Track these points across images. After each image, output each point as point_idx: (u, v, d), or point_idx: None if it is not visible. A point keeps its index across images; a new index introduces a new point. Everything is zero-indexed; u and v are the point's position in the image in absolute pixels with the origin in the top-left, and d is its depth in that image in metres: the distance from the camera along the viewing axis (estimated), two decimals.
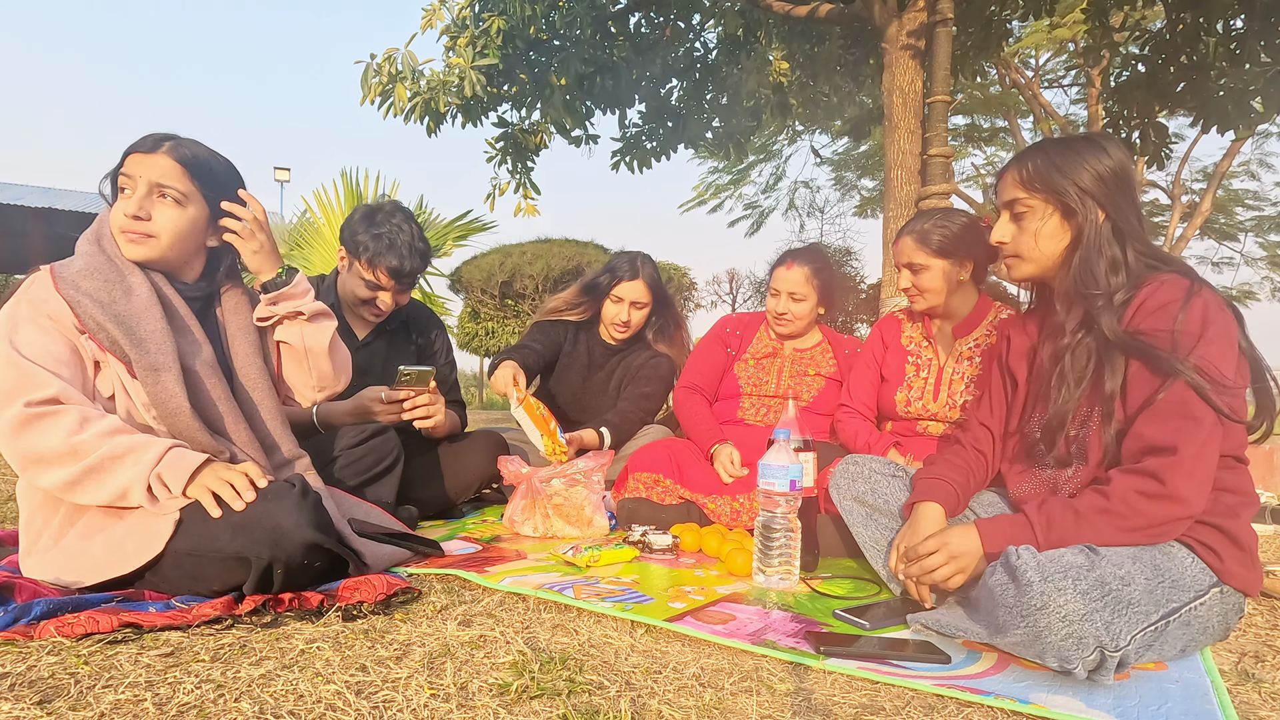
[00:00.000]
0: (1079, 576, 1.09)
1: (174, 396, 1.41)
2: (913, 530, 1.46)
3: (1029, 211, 1.40)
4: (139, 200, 1.43)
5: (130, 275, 1.45)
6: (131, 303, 1.43)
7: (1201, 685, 1.13)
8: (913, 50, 3.43)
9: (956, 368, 1.98)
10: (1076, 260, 1.35)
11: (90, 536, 1.33)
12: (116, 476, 1.30)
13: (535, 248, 10.50)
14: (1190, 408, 1.19)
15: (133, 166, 1.44)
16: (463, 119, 4.42)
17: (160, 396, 1.40)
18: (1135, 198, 1.35)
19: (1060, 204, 1.36)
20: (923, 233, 1.93)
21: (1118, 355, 1.29)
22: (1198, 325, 1.21)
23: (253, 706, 0.94)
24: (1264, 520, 2.53)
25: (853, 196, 13.73)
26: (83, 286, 1.40)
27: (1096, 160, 1.33)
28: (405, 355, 2.37)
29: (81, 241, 1.48)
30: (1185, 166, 11.17)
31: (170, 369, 1.42)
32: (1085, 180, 1.33)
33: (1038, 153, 1.40)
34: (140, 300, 1.44)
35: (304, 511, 1.31)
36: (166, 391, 1.40)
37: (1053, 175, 1.35)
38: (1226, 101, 3.88)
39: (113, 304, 1.41)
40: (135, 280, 1.45)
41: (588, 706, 0.98)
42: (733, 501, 2.14)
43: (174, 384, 1.41)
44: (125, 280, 1.44)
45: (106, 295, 1.41)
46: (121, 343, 1.39)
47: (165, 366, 1.42)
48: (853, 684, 1.11)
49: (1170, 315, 1.24)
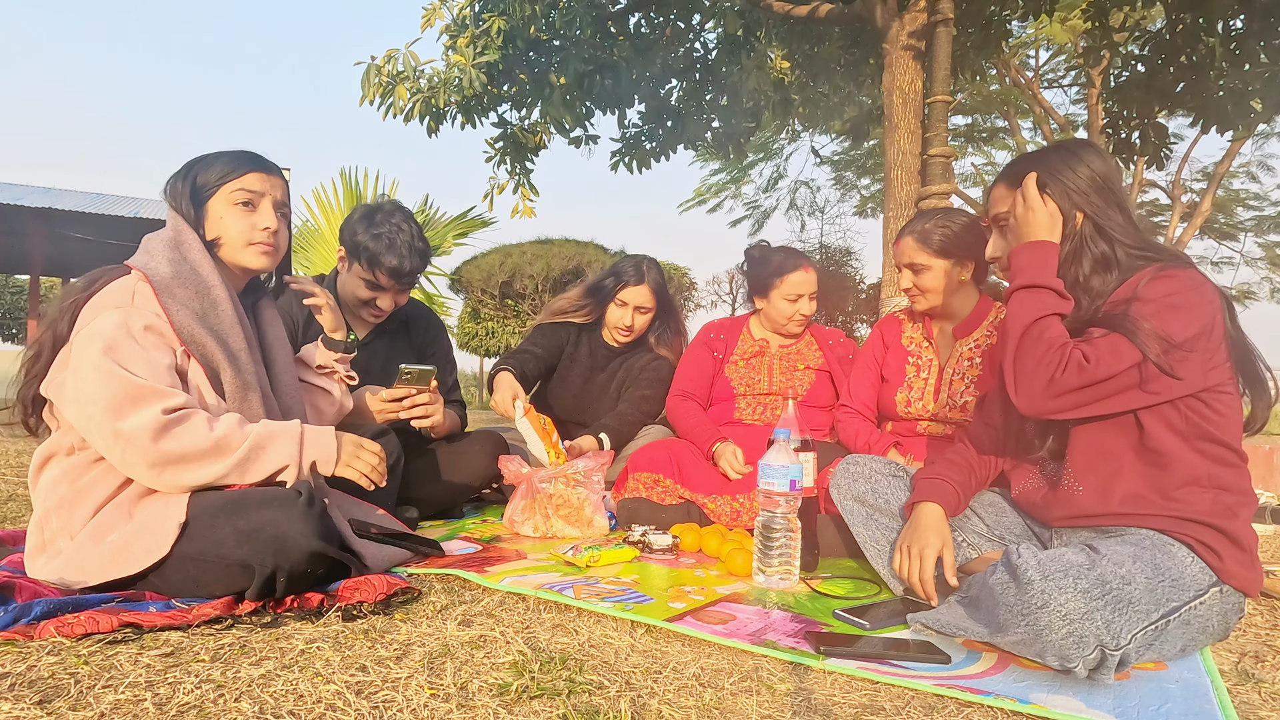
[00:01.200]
0: (1080, 575, 1.09)
1: (257, 417, 1.49)
2: (914, 530, 1.46)
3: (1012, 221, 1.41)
4: (272, 215, 1.53)
5: (216, 288, 1.47)
6: (220, 317, 1.47)
7: (1201, 685, 1.13)
8: (913, 50, 3.43)
9: (957, 368, 1.98)
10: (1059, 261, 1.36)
11: (102, 537, 1.33)
12: (266, 465, 1.41)
13: (535, 248, 10.50)
14: (1116, 344, 1.22)
15: (256, 183, 1.53)
16: (462, 119, 4.42)
17: (245, 412, 1.47)
18: (1121, 199, 1.35)
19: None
20: (924, 233, 1.93)
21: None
22: (1158, 292, 1.23)
23: (253, 706, 0.94)
24: (1264, 520, 2.53)
25: (852, 196, 13.74)
26: (178, 296, 1.42)
27: (1074, 166, 1.35)
28: (405, 355, 2.36)
29: (161, 246, 1.46)
30: (1185, 166, 11.18)
31: (256, 389, 1.51)
32: (1063, 184, 1.35)
33: (1016, 164, 1.44)
34: (228, 315, 1.48)
35: (309, 521, 1.31)
36: (251, 411, 1.49)
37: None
38: (1226, 102, 3.88)
39: (205, 317, 1.44)
40: (220, 294, 1.48)
41: (588, 706, 0.98)
42: (733, 501, 2.14)
43: (258, 405, 1.51)
44: (211, 293, 1.47)
45: (199, 306, 1.44)
46: (217, 358, 1.44)
47: (253, 386, 1.50)
48: (853, 684, 1.11)
49: (1133, 285, 1.27)
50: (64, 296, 1.41)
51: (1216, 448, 1.26)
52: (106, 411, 1.29)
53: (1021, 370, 1.29)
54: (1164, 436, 1.27)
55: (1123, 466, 1.31)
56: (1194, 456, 1.26)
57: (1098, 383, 1.22)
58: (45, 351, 1.38)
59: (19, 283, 23.59)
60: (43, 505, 1.38)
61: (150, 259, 1.44)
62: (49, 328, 1.39)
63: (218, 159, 1.54)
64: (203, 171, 1.52)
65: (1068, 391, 1.24)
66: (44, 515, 1.38)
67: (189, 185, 1.51)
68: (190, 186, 1.51)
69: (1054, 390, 1.25)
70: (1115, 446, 1.32)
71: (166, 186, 1.53)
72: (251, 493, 1.35)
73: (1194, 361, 1.21)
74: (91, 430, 1.32)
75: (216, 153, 1.56)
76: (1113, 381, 1.22)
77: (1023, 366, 1.28)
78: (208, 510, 1.32)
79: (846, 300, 10.42)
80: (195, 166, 1.53)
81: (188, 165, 1.54)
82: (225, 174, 1.52)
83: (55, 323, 1.38)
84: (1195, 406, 1.25)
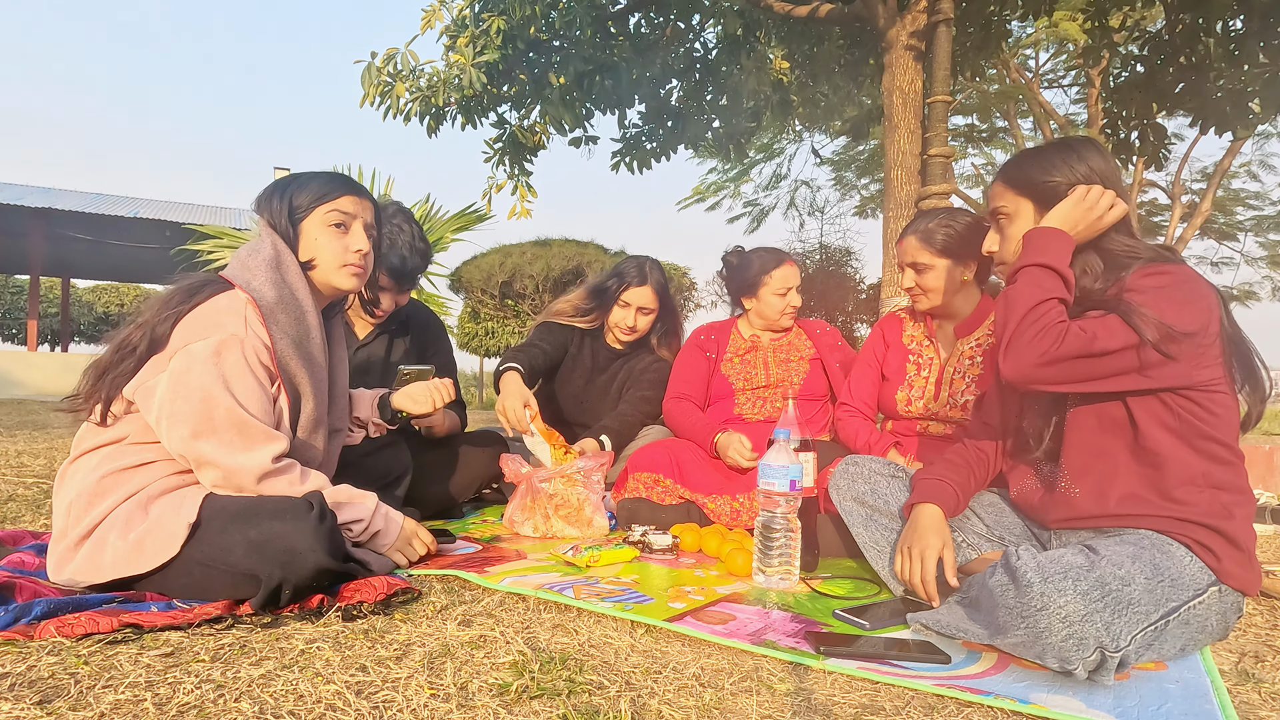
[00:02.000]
0: (1079, 577, 1.09)
1: (317, 452, 1.54)
2: (913, 532, 1.46)
3: (1008, 217, 1.43)
4: (364, 237, 1.56)
5: (310, 314, 1.49)
6: (312, 345, 1.49)
7: (1201, 685, 1.13)
8: (913, 50, 3.43)
9: (958, 367, 1.98)
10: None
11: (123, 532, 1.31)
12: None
13: (535, 248, 10.51)
14: (1113, 324, 1.22)
15: (350, 206, 1.55)
16: (462, 119, 4.43)
17: (308, 447, 1.51)
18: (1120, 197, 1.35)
19: (1037, 203, 1.38)
20: (927, 232, 1.93)
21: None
22: (1151, 282, 1.24)
23: (253, 706, 0.94)
24: (1264, 520, 2.53)
25: (852, 196, 13.73)
26: (281, 322, 1.43)
27: (1070, 161, 1.36)
28: (405, 355, 2.38)
29: (262, 266, 1.45)
30: (1185, 166, 11.19)
31: (325, 424, 1.55)
32: (1060, 178, 1.35)
33: (1015, 160, 1.44)
34: (317, 343, 1.51)
35: (320, 535, 1.30)
36: (315, 446, 1.53)
37: (1029, 177, 1.39)
38: (1225, 102, 3.88)
39: (300, 344, 1.46)
40: (313, 320, 1.49)
41: (588, 706, 0.98)
42: (733, 501, 2.14)
43: (322, 441, 1.54)
44: (306, 319, 1.48)
45: (296, 333, 1.45)
46: (304, 390, 1.47)
47: (323, 421, 1.54)
48: (853, 684, 1.11)
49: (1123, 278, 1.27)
50: (164, 302, 1.40)
51: (1212, 446, 1.25)
52: (210, 439, 1.33)
53: (1019, 339, 1.27)
54: (1159, 436, 1.26)
55: (1118, 467, 1.31)
56: (1189, 455, 1.26)
57: (1094, 356, 1.21)
58: (140, 352, 1.37)
59: (19, 283, 23.62)
60: (69, 494, 1.37)
61: (253, 278, 1.43)
62: (146, 330, 1.37)
63: (312, 179, 1.55)
64: (298, 192, 1.52)
65: (1062, 360, 1.23)
66: (70, 504, 1.36)
67: (286, 205, 1.51)
68: (287, 206, 1.51)
69: (1047, 358, 1.24)
70: (1110, 447, 1.32)
71: (261, 204, 1.53)
72: (265, 502, 1.34)
73: (1189, 351, 1.21)
74: (175, 443, 1.34)
75: (310, 173, 1.57)
76: (1109, 359, 1.22)
77: (1021, 336, 1.27)
78: (219, 515, 1.31)
79: (846, 300, 10.42)
80: (290, 186, 1.53)
81: (281, 184, 1.55)
82: (321, 196, 1.52)
83: (152, 326, 1.37)
84: (1189, 405, 1.25)
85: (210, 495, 1.35)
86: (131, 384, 1.37)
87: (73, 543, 1.34)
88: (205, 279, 1.44)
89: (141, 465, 1.38)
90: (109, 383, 1.37)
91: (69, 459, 1.41)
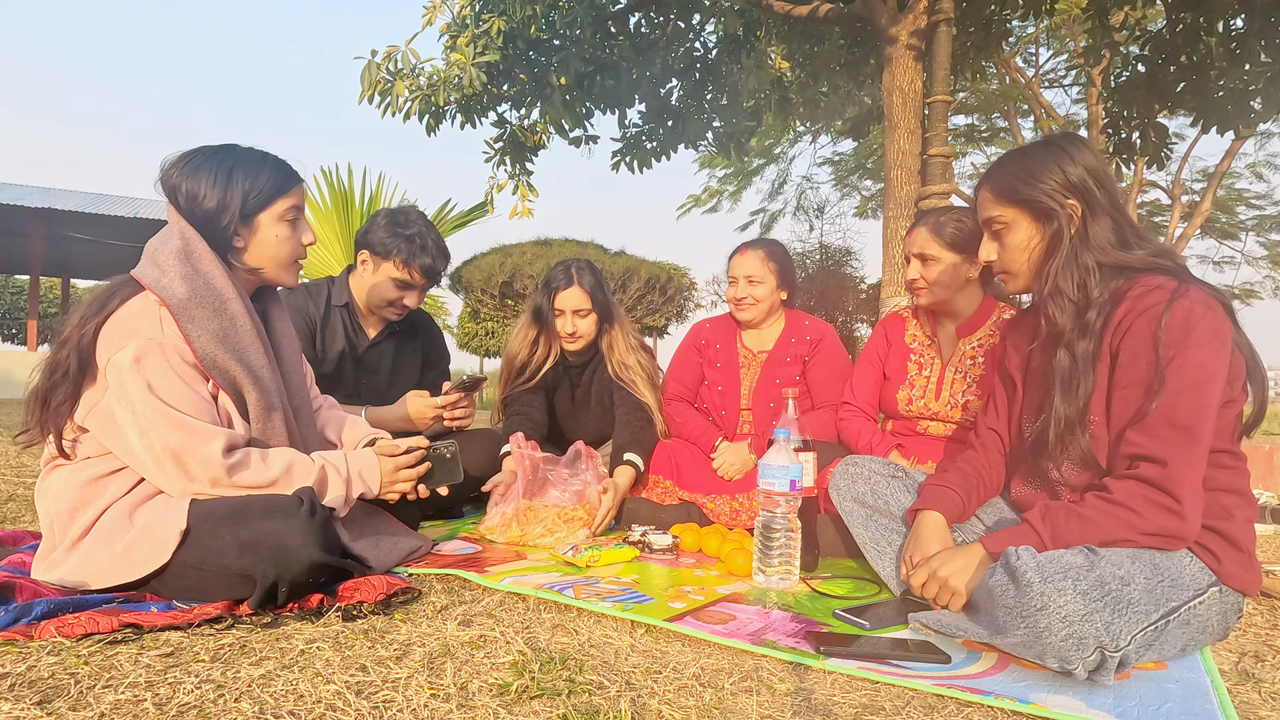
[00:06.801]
0: (1079, 577, 1.09)
1: (279, 436, 1.49)
2: (915, 540, 1.46)
3: (1006, 227, 1.40)
4: (309, 228, 1.52)
5: (232, 302, 1.40)
6: (239, 334, 1.41)
7: (1201, 685, 1.13)
8: (913, 50, 3.43)
9: (959, 367, 1.97)
10: (1050, 267, 1.34)
11: (107, 542, 1.31)
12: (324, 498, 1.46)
13: (535, 248, 10.52)
14: (1177, 416, 1.18)
15: (300, 197, 1.51)
16: (462, 118, 4.42)
17: (267, 434, 1.46)
18: (1112, 195, 1.34)
19: (1034, 212, 1.36)
20: (938, 225, 1.92)
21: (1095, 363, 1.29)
22: (1181, 328, 1.20)
23: (253, 706, 0.94)
24: (1264, 520, 2.53)
25: (853, 197, 13.73)
26: (197, 319, 1.35)
27: (1061, 163, 1.33)
28: (410, 355, 2.45)
29: (171, 260, 1.36)
30: (1185, 166, 11.18)
31: (279, 407, 1.49)
32: (1053, 184, 1.33)
33: (1002, 166, 1.40)
34: (246, 331, 1.43)
35: (311, 531, 1.29)
36: (274, 431, 1.48)
37: (1021, 185, 1.36)
38: (1226, 101, 3.88)
39: (225, 337, 1.38)
40: (237, 308, 1.41)
41: (588, 706, 0.98)
42: (732, 501, 2.14)
43: (280, 424, 1.49)
44: (228, 308, 1.39)
45: (218, 327, 1.38)
46: (240, 381, 1.42)
47: (275, 406, 1.48)
48: (853, 684, 1.11)
49: (1154, 319, 1.22)
50: (80, 318, 1.33)
51: (1212, 450, 1.25)
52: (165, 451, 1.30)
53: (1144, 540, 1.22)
54: None
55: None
56: None
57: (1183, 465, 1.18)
58: (72, 372, 1.31)
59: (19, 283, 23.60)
60: (49, 510, 1.36)
61: (162, 275, 1.35)
62: (71, 348, 1.31)
63: (259, 169, 1.43)
64: (248, 184, 1.41)
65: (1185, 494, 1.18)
66: (52, 520, 1.35)
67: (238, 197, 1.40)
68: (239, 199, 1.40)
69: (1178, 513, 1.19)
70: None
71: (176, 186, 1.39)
72: (254, 501, 1.33)
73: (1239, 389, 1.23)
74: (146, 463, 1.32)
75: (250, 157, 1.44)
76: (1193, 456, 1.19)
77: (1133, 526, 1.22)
78: (209, 519, 1.30)
79: (846, 300, 10.41)
80: (234, 175, 1.40)
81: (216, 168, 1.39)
82: (276, 190, 1.44)
83: (76, 343, 1.31)
84: None
85: (197, 500, 1.33)
86: (80, 410, 1.33)
87: (59, 557, 1.33)
88: (115, 285, 1.37)
89: (115, 472, 1.36)
90: (54, 411, 1.32)
91: (41, 474, 1.40)
